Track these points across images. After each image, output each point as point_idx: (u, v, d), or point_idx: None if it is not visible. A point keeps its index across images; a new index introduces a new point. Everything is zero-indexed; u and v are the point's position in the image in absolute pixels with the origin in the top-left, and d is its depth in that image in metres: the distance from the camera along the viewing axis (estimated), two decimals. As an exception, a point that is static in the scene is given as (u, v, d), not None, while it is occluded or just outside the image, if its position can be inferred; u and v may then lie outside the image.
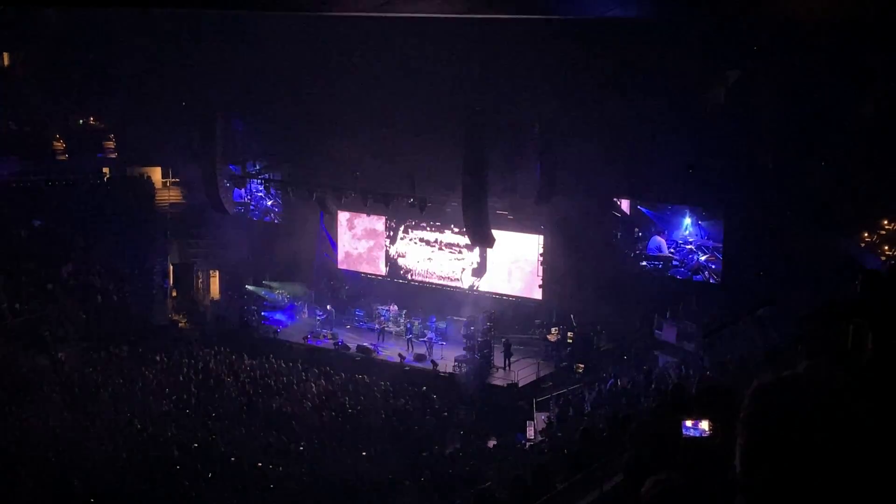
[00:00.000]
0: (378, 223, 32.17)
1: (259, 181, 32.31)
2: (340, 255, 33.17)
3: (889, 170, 21.55)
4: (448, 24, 21.70)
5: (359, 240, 32.78)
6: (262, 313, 32.38)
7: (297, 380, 27.06)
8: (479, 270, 30.64)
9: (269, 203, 33.75)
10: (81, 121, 35.66)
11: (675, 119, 24.45)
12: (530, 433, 23.54)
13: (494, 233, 27.33)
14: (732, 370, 16.76)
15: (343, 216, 32.40)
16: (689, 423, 4.58)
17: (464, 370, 27.37)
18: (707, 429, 4.53)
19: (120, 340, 29.60)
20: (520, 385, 26.74)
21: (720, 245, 26.39)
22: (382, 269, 32.45)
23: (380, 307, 31.07)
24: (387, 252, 32.27)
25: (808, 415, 1.66)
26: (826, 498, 1.61)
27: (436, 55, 25.66)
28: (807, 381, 1.72)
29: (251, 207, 34.04)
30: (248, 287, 33.08)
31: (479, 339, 27.79)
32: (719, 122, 24.55)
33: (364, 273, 32.83)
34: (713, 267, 26.69)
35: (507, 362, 27.49)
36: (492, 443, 23.61)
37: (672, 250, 27.40)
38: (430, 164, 27.18)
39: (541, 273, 29.37)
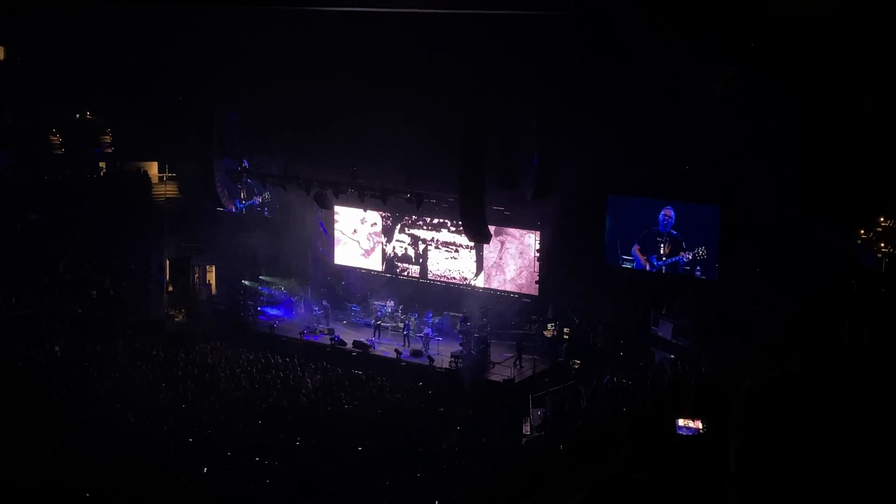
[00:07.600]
0: (375, 219, 32.15)
1: (256, 176, 32.25)
2: (337, 251, 33.15)
3: (886, 166, 21.53)
4: (445, 19, 21.62)
5: (355, 235, 32.75)
6: (259, 308, 32.39)
7: (294, 375, 27.05)
8: (476, 266, 30.63)
9: (266, 198, 33.69)
10: (78, 115, 35.58)
11: (673, 114, 24.41)
12: (526, 429, 23.54)
13: (491, 229, 27.32)
14: (728, 367, 16.78)
15: (340, 211, 32.36)
16: (681, 422, 4.56)
17: (460, 366, 27.38)
18: (700, 428, 4.52)
19: (116, 335, 29.56)
20: (516, 381, 26.77)
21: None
22: (379, 265, 32.44)
23: (376, 303, 31.07)
24: (383, 248, 32.25)
25: (802, 414, 1.64)
26: (821, 498, 1.59)
27: (433, 51, 25.57)
28: (801, 380, 1.70)
29: (248, 202, 33.99)
30: (245, 282, 33.05)
31: (476, 335, 27.79)
32: (717, 117, 24.50)
33: (361, 268, 32.81)
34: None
35: (518, 361, 27.44)
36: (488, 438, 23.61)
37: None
38: (428, 159, 27.13)
39: (537, 269, 29.37)
